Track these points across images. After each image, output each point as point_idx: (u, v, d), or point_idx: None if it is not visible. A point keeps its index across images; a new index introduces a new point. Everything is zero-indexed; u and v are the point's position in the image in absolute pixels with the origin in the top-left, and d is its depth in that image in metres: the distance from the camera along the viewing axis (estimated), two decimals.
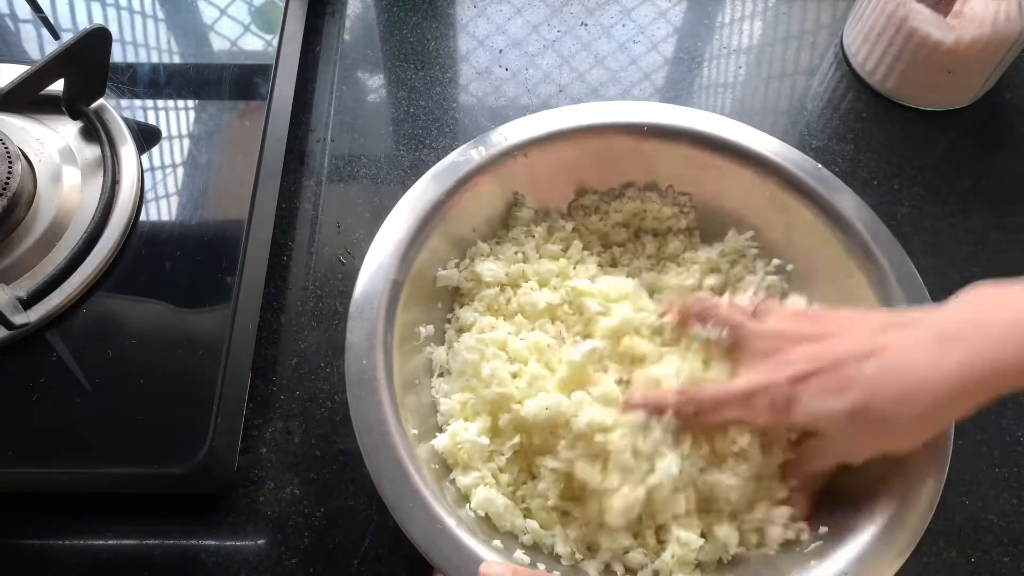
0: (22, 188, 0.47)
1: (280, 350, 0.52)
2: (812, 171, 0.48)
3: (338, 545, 0.45)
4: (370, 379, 0.41)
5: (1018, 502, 0.47)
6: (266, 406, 0.50)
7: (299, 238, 0.56)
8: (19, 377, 0.43)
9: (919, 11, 0.58)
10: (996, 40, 0.57)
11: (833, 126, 0.62)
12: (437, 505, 0.38)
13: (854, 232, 0.46)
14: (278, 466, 0.48)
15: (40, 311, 0.45)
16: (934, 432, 0.38)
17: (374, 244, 0.46)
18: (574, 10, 0.69)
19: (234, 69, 0.56)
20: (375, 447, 0.40)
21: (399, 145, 0.61)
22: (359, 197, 0.58)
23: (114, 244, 0.47)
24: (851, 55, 0.65)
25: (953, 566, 0.45)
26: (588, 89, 0.65)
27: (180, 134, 0.53)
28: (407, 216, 0.47)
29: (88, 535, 0.45)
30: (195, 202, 0.50)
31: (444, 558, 0.37)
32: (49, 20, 0.59)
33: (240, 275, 0.47)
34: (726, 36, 0.68)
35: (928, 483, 0.39)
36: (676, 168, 0.51)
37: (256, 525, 0.46)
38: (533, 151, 0.50)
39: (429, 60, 0.66)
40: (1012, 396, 0.50)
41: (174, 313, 0.46)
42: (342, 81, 0.64)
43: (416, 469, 0.39)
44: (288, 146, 0.59)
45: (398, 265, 0.45)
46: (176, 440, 0.42)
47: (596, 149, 0.51)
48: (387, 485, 0.39)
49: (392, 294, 0.44)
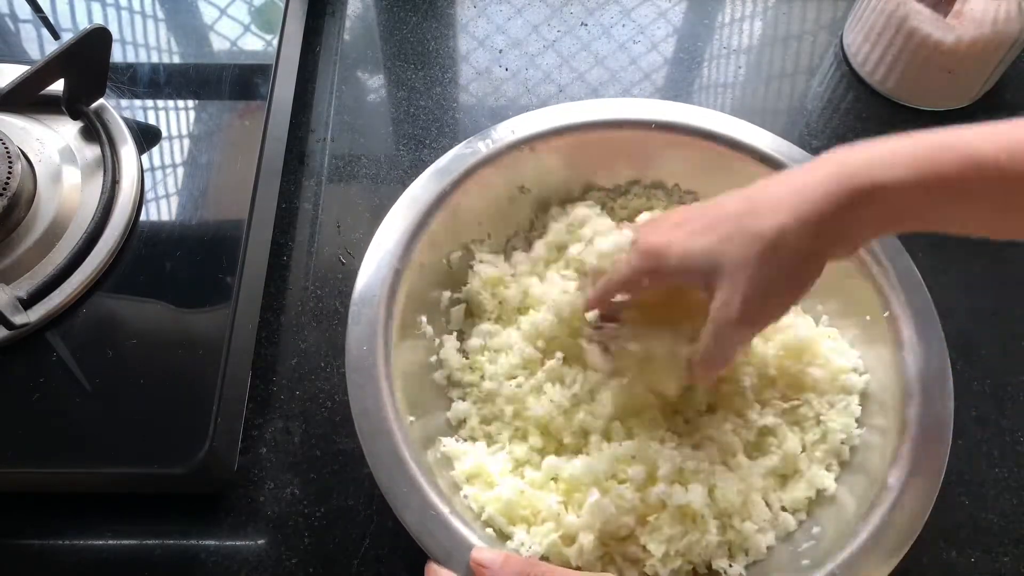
0: (22, 188, 0.47)
1: (280, 350, 0.52)
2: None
3: (338, 545, 0.45)
4: (370, 366, 0.42)
5: (1018, 502, 0.47)
6: (266, 406, 0.50)
7: (299, 238, 0.56)
8: (19, 377, 0.43)
9: (919, 11, 0.58)
10: (996, 40, 0.57)
11: (833, 126, 0.62)
12: (432, 492, 0.39)
13: None
14: (278, 466, 0.48)
15: (40, 311, 0.45)
16: (813, 264, 0.37)
17: (379, 230, 0.46)
18: (574, 10, 0.69)
19: (234, 69, 0.56)
20: (372, 432, 0.40)
21: (399, 145, 0.61)
22: (359, 197, 0.58)
23: (114, 244, 0.47)
24: (851, 55, 0.65)
25: (953, 566, 0.45)
26: (588, 89, 0.65)
27: (180, 134, 0.53)
28: (413, 206, 0.47)
29: (88, 535, 0.45)
30: (195, 202, 0.50)
31: (436, 544, 0.37)
32: (49, 20, 0.59)
33: (240, 275, 0.47)
34: (726, 36, 0.68)
35: (924, 484, 0.39)
36: (683, 166, 0.52)
37: (256, 525, 0.46)
38: (540, 145, 0.50)
39: (429, 60, 0.66)
40: (1012, 396, 0.50)
41: (174, 313, 0.46)
42: (342, 81, 0.64)
43: (412, 456, 0.40)
44: (288, 146, 0.59)
45: (401, 254, 0.45)
46: (176, 440, 0.42)
47: (603, 145, 0.51)
48: (382, 472, 0.39)
49: (393, 283, 0.45)
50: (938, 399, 0.41)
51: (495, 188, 0.50)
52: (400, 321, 0.44)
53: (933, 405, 0.41)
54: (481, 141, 0.49)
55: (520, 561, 0.36)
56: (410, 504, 0.38)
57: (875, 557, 0.37)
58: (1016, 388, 0.51)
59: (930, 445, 0.40)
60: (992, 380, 0.51)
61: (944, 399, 0.42)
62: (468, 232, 0.50)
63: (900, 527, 0.38)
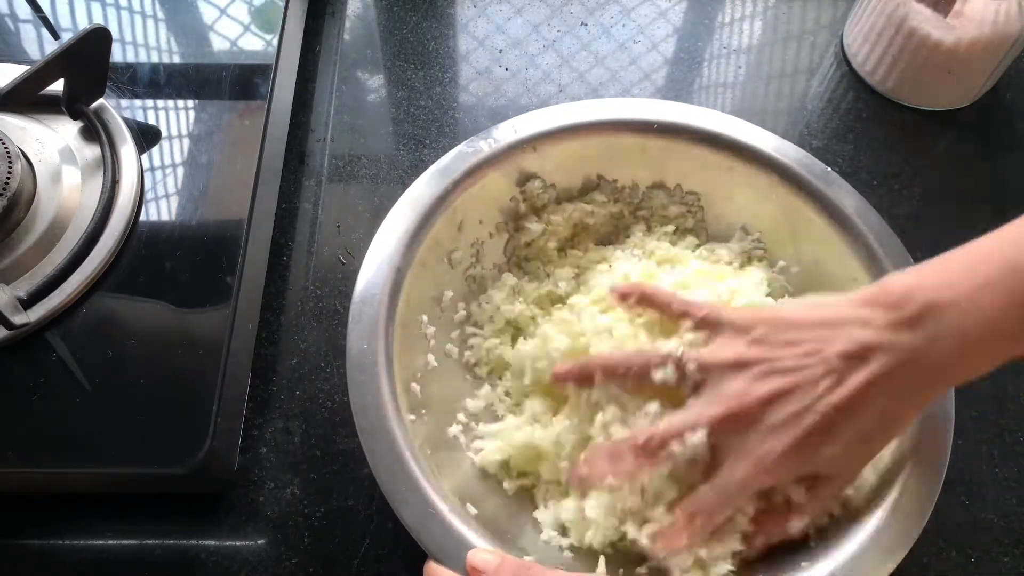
0: (22, 188, 0.47)
1: (280, 350, 0.52)
2: (821, 174, 0.48)
3: (338, 545, 0.45)
4: (370, 364, 0.42)
5: (1018, 502, 0.47)
6: (266, 406, 0.50)
7: (299, 238, 0.56)
8: (19, 377, 0.43)
9: (919, 11, 0.58)
10: (996, 40, 0.57)
11: (833, 126, 0.62)
12: (431, 490, 0.39)
13: (861, 237, 0.46)
14: (278, 466, 0.48)
15: (40, 311, 0.45)
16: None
17: (381, 229, 0.46)
18: (574, 10, 0.69)
19: (234, 69, 0.56)
20: (372, 429, 0.40)
21: (399, 145, 0.61)
22: (359, 197, 0.58)
23: (114, 244, 0.47)
24: (851, 55, 0.65)
25: (953, 566, 0.45)
26: (588, 89, 0.65)
27: (180, 134, 0.53)
28: (414, 204, 0.47)
29: (88, 535, 0.45)
30: (195, 202, 0.50)
31: (435, 543, 0.37)
32: (49, 20, 0.59)
33: (240, 275, 0.47)
34: (726, 36, 0.68)
35: (924, 485, 0.39)
36: (685, 167, 0.52)
37: (256, 525, 0.46)
38: (543, 145, 0.50)
39: (429, 60, 0.66)
40: (1012, 396, 0.50)
41: (174, 313, 0.46)
42: (342, 81, 0.64)
43: (412, 455, 0.40)
44: (288, 146, 0.59)
45: (403, 252, 0.45)
46: (176, 440, 0.42)
47: (605, 145, 0.51)
48: (382, 468, 0.39)
49: (395, 282, 0.44)
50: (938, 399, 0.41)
51: (497, 186, 0.50)
52: (401, 319, 0.44)
53: (933, 405, 0.41)
54: (483, 140, 0.49)
55: (515, 564, 0.36)
56: (409, 501, 0.38)
57: (875, 557, 0.37)
58: (1016, 388, 0.51)
59: (931, 443, 0.40)
60: (992, 380, 0.51)
61: (944, 399, 0.41)
62: (471, 231, 0.50)
63: (900, 528, 0.38)
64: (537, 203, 0.52)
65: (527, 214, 0.52)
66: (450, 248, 0.49)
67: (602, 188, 0.53)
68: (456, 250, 0.49)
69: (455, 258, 0.49)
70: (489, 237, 0.51)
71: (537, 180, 0.51)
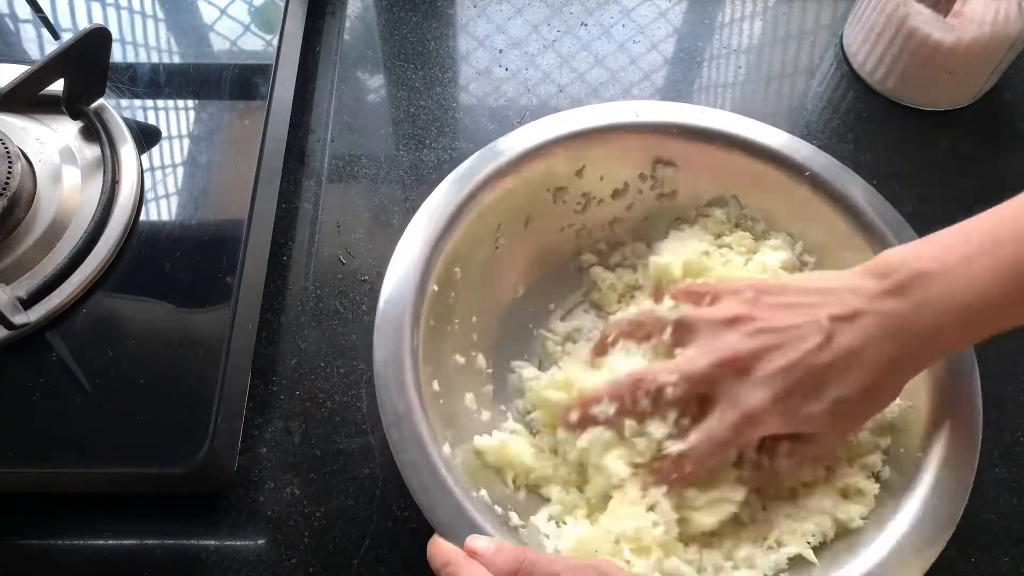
0: (22, 188, 0.47)
1: (280, 350, 0.52)
2: (840, 174, 0.50)
3: (338, 545, 0.45)
4: (397, 373, 0.42)
5: (1018, 502, 0.47)
6: (266, 406, 0.50)
7: (299, 238, 0.56)
8: (19, 377, 0.43)
9: (919, 11, 0.58)
10: (996, 40, 0.57)
11: (833, 126, 0.62)
12: (449, 477, 0.39)
13: (878, 232, 0.47)
14: (278, 466, 0.48)
15: (40, 311, 0.45)
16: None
17: (403, 239, 0.46)
18: (574, 10, 0.69)
19: (234, 69, 0.56)
20: (402, 440, 0.40)
21: (399, 145, 0.61)
22: (359, 197, 0.58)
23: (114, 244, 0.47)
24: (851, 55, 0.65)
25: (953, 566, 0.45)
26: (588, 89, 0.65)
27: (180, 134, 0.53)
28: (434, 215, 0.47)
29: (88, 535, 0.45)
30: (195, 202, 0.50)
31: (441, 522, 0.38)
32: (49, 20, 0.59)
33: (240, 275, 0.47)
34: (726, 36, 0.68)
35: (956, 479, 0.40)
36: (704, 170, 0.52)
37: (256, 525, 0.46)
38: (559, 149, 0.50)
39: (429, 60, 0.66)
40: (1012, 396, 0.50)
41: (174, 313, 0.46)
42: (342, 81, 0.64)
43: (435, 448, 0.40)
44: (288, 146, 0.59)
45: (423, 268, 0.45)
46: (176, 440, 0.42)
47: (622, 148, 0.51)
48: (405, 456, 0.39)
49: (420, 287, 0.44)
50: (965, 394, 0.42)
51: (518, 193, 0.50)
52: (426, 326, 0.44)
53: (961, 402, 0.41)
54: (501, 146, 0.49)
55: (513, 550, 0.36)
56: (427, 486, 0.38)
57: (909, 552, 0.38)
58: (1016, 388, 0.51)
59: (961, 435, 0.40)
60: (992, 380, 0.51)
61: (971, 395, 0.42)
62: (489, 240, 0.50)
63: (937, 519, 0.39)
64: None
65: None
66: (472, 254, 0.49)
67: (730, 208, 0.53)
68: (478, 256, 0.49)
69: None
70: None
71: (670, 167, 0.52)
